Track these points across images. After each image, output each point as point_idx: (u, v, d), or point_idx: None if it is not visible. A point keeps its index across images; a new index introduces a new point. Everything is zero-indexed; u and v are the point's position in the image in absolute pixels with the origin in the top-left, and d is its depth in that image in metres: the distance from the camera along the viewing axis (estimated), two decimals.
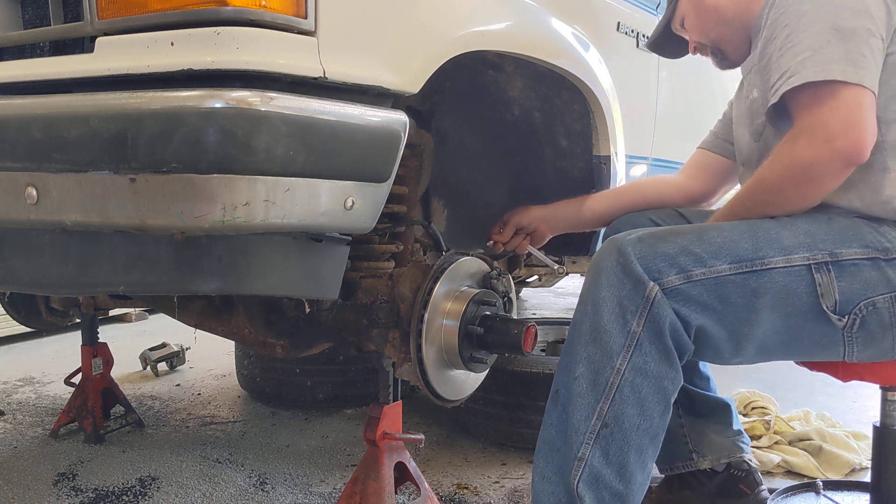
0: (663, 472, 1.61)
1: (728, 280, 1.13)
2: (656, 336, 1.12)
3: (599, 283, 1.15)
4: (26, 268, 1.18)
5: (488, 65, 1.69)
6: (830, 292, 1.14)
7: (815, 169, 1.15)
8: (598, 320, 1.14)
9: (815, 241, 1.15)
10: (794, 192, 1.18)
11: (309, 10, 0.99)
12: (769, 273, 1.14)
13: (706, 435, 1.58)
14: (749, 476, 1.58)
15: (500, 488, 1.82)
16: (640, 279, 1.12)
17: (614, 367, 1.12)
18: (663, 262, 1.13)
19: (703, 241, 1.15)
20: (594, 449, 1.11)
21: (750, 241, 1.15)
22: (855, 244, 1.16)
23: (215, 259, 1.08)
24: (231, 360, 2.78)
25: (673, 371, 1.14)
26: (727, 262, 1.14)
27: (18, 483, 1.85)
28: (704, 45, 1.50)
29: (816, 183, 1.17)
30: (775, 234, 1.16)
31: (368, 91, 1.08)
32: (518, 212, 1.75)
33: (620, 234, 1.19)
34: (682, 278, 1.13)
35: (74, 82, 1.03)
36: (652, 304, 1.12)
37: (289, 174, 0.97)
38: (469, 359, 1.39)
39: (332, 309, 1.45)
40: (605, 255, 1.17)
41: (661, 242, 1.15)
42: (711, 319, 1.14)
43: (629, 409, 1.12)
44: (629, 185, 1.80)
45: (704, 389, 1.60)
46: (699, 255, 1.14)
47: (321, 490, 1.81)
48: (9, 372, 2.99)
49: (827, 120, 1.12)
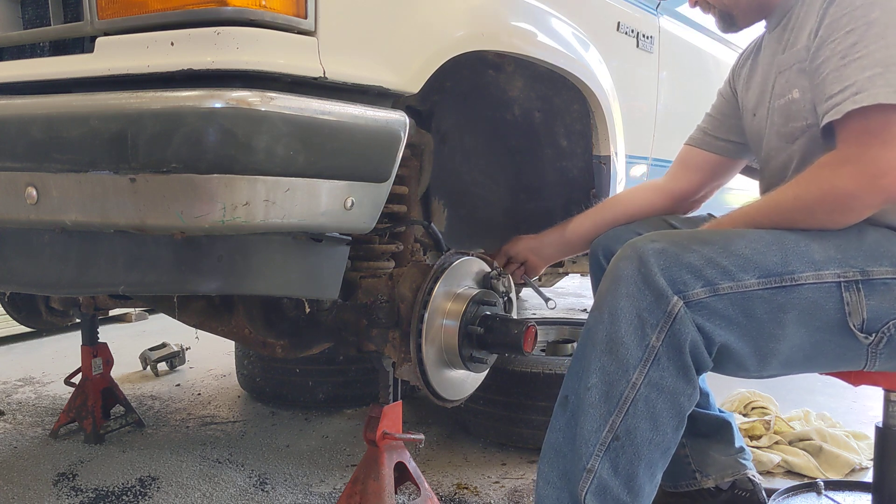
0: (667, 489, 1.60)
1: (756, 295, 1.09)
2: (675, 352, 1.08)
3: (618, 293, 1.10)
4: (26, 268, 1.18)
5: (488, 65, 1.69)
6: (858, 311, 1.10)
7: (855, 201, 1.10)
8: (615, 331, 1.09)
9: (846, 256, 1.11)
10: (826, 217, 1.13)
11: (309, 10, 0.99)
12: (798, 289, 1.09)
13: (708, 455, 1.55)
14: (754, 496, 1.55)
15: (500, 488, 1.82)
16: (663, 293, 1.07)
17: (630, 380, 1.08)
18: (688, 274, 1.08)
19: (730, 253, 1.10)
20: (604, 461, 1.08)
21: (779, 254, 1.10)
22: (886, 262, 1.11)
23: (215, 259, 1.08)
24: (231, 360, 2.78)
25: (690, 388, 1.10)
26: (756, 277, 1.09)
27: (18, 483, 1.85)
28: (712, 4, 1.39)
29: (852, 213, 1.12)
30: (805, 247, 1.11)
31: (368, 91, 1.08)
32: (511, 241, 1.72)
33: (641, 240, 1.13)
34: (708, 291, 1.08)
35: (74, 82, 1.03)
36: (674, 319, 1.07)
37: (289, 174, 0.96)
38: (469, 359, 1.39)
39: (332, 309, 1.45)
40: (624, 262, 1.11)
41: (686, 252, 1.09)
42: (736, 335, 1.09)
43: (642, 424, 1.08)
44: (609, 201, 1.72)
45: (704, 407, 1.56)
46: (727, 268, 1.08)
47: (321, 490, 1.81)
48: (9, 372, 2.99)
49: (878, 154, 1.07)
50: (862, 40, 1.10)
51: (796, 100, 1.25)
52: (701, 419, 1.55)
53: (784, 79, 1.28)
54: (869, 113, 1.08)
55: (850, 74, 1.10)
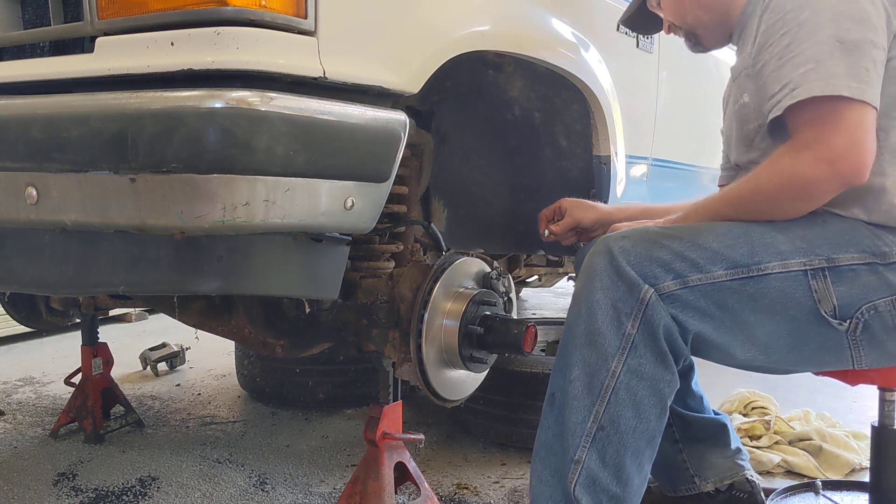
0: (667, 493, 1.60)
1: (725, 286, 1.13)
2: (650, 339, 1.12)
3: (594, 286, 1.14)
4: (26, 268, 1.18)
5: (488, 65, 1.69)
6: (827, 298, 1.13)
7: (815, 186, 1.14)
8: (592, 323, 1.13)
9: (811, 246, 1.15)
10: (789, 205, 1.17)
11: (309, 10, 0.99)
12: (766, 279, 1.13)
13: (706, 459, 1.55)
14: (752, 497, 1.56)
15: (500, 488, 1.82)
16: (635, 282, 1.12)
17: (609, 369, 1.11)
18: (659, 268, 1.13)
19: (698, 246, 1.14)
20: (591, 452, 1.11)
21: (746, 246, 1.14)
22: (852, 249, 1.15)
23: (215, 259, 1.08)
24: (231, 360, 2.78)
25: (668, 374, 1.14)
26: (724, 268, 1.13)
27: (18, 483, 1.85)
28: (678, 26, 1.46)
29: (813, 199, 1.16)
30: (770, 239, 1.15)
31: (368, 91, 1.08)
32: (580, 206, 1.58)
33: (612, 236, 1.18)
34: (678, 284, 1.12)
35: (74, 82, 1.03)
36: (646, 306, 1.11)
37: (289, 174, 0.97)
38: (469, 359, 1.39)
39: (332, 309, 1.45)
40: (597, 258, 1.16)
41: (655, 248, 1.14)
42: (710, 325, 1.14)
43: (625, 412, 1.11)
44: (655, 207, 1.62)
45: (698, 410, 1.57)
46: (695, 261, 1.13)
47: (321, 490, 1.81)
48: (9, 372, 2.99)
49: (831, 139, 1.11)
50: (795, 41, 1.15)
51: (747, 103, 1.30)
52: (696, 423, 1.55)
53: (737, 85, 1.35)
54: (818, 103, 1.12)
55: (787, 73, 1.15)
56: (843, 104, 1.11)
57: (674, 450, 1.54)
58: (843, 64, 1.11)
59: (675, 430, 1.54)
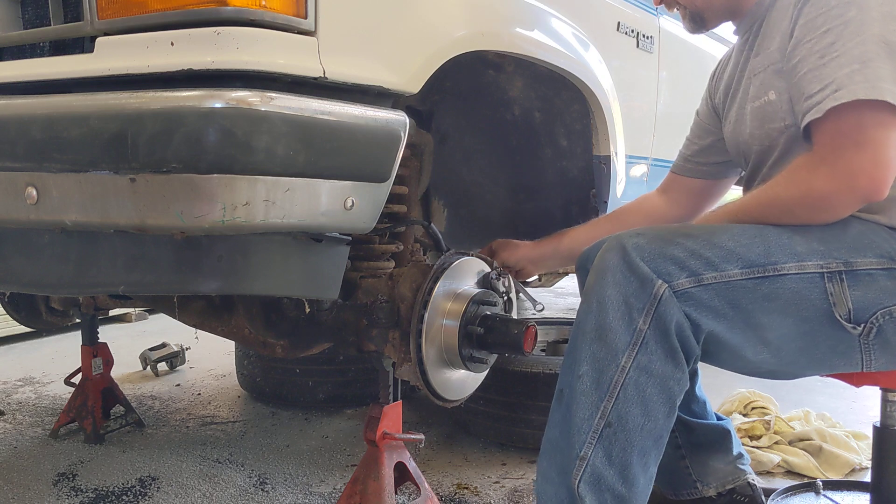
0: (669, 497, 1.60)
1: (739, 285, 1.11)
2: (662, 335, 1.09)
3: (605, 282, 1.12)
4: (26, 268, 1.18)
5: (488, 65, 1.69)
6: (843, 301, 1.11)
7: (832, 201, 1.12)
8: (603, 318, 1.11)
9: (828, 248, 1.13)
10: (806, 215, 1.15)
11: (309, 10, 0.99)
12: (781, 279, 1.11)
13: (708, 465, 1.55)
14: (753, 501, 1.55)
15: (500, 488, 1.82)
16: (648, 277, 1.09)
17: (619, 365, 1.09)
18: (673, 265, 1.10)
19: (713, 245, 1.12)
20: (597, 449, 1.09)
21: (762, 246, 1.12)
22: (870, 253, 1.13)
23: (215, 259, 1.08)
24: (231, 360, 2.78)
25: (679, 372, 1.11)
26: (739, 267, 1.11)
27: (18, 483, 1.85)
28: (682, 4, 1.40)
29: (831, 213, 1.14)
30: (787, 240, 1.13)
31: (368, 91, 1.08)
32: (506, 246, 1.68)
33: (626, 233, 1.16)
34: (692, 281, 1.10)
35: (74, 82, 1.02)
36: (659, 301, 1.09)
37: (289, 174, 0.97)
38: (469, 359, 1.39)
39: (332, 309, 1.45)
40: (609, 254, 1.14)
41: (670, 245, 1.12)
42: (723, 325, 1.11)
43: (633, 409, 1.09)
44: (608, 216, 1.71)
45: (701, 416, 1.56)
46: (710, 259, 1.11)
47: (321, 490, 1.81)
48: (9, 372, 2.99)
49: (851, 157, 1.08)
50: (839, 39, 1.11)
51: (773, 101, 1.26)
52: (699, 429, 1.55)
53: (759, 81, 1.29)
54: (842, 113, 1.09)
55: (830, 73, 1.10)
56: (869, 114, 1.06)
57: (676, 455, 1.54)
58: (889, 67, 1.07)
59: (678, 436, 1.53)
